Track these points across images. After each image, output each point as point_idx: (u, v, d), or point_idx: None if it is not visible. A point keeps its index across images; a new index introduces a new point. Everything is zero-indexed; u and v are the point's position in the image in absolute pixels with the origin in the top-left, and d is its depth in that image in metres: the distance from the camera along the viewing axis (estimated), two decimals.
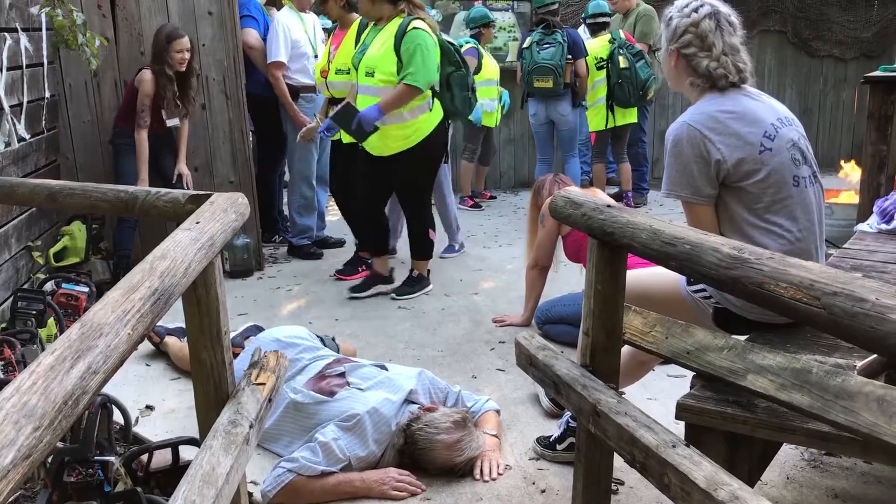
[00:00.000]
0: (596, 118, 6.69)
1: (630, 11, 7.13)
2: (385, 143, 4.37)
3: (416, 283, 4.71)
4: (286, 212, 5.94)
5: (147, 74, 4.55)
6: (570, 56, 6.24)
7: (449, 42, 4.51)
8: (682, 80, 2.45)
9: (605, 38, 6.58)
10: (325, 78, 4.95)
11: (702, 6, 2.39)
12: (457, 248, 5.63)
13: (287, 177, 5.94)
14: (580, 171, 6.75)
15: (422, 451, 2.66)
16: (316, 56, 5.43)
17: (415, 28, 4.22)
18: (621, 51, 6.43)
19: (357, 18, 4.79)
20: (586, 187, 5.25)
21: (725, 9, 2.42)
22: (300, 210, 5.60)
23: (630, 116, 6.70)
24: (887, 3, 9.15)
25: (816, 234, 2.37)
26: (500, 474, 2.69)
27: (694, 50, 2.37)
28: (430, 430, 2.66)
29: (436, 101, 4.41)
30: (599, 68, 6.51)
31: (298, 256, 5.55)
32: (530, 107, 6.61)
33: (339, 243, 5.86)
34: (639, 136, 7.16)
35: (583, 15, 7.08)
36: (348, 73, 4.69)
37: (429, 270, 4.81)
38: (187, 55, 4.56)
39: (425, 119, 4.37)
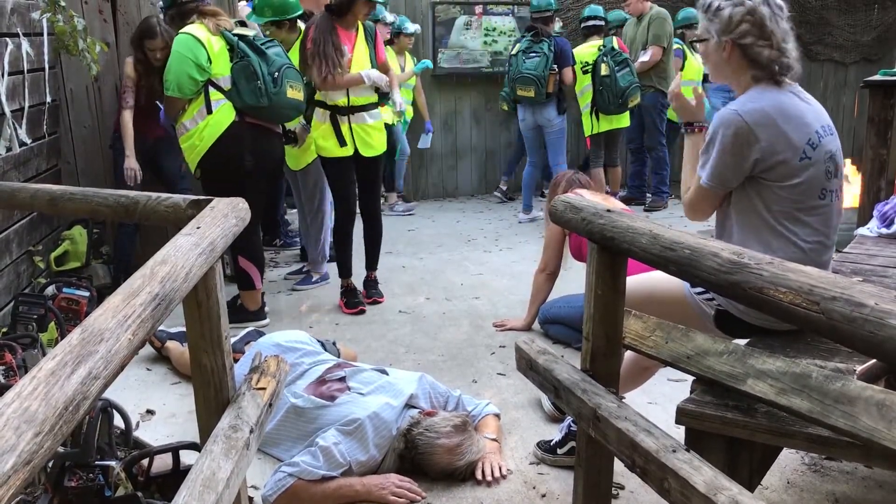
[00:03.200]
0: (585, 123, 6.79)
1: (643, 15, 7.13)
2: (186, 159, 4.20)
3: (236, 312, 4.16)
4: (287, 216, 5.96)
5: (129, 59, 4.59)
6: (555, 66, 6.33)
7: (238, 35, 4.03)
8: (735, 71, 2.33)
9: (595, 43, 6.60)
10: None
11: None
12: (315, 279, 5.06)
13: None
14: None
15: (422, 456, 2.66)
16: None
17: (179, 33, 4.05)
18: (605, 58, 6.45)
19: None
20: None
21: None
22: None
23: (620, 121, 6.72)
24: (887, 7, 9.16)
25: (829, 248, 2.35)
26: (503, 476, 2.69)
27: (752, 40, 2.26)
28: (430, 435, 2.66)
29: (225, 104, 4.00)
30: (585, 73, 6.57)
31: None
32: (519, 112, 6.74)
33: None
34: (658, 139, 7.16)
35: (579, 18, 7.11)
36: None
37: (263, 304, 4.38)
38: (160, 55, 4.39)
39: (206, 124, 4.00)
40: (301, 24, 4.75)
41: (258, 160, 4.12)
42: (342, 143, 4.33)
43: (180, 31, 4.04)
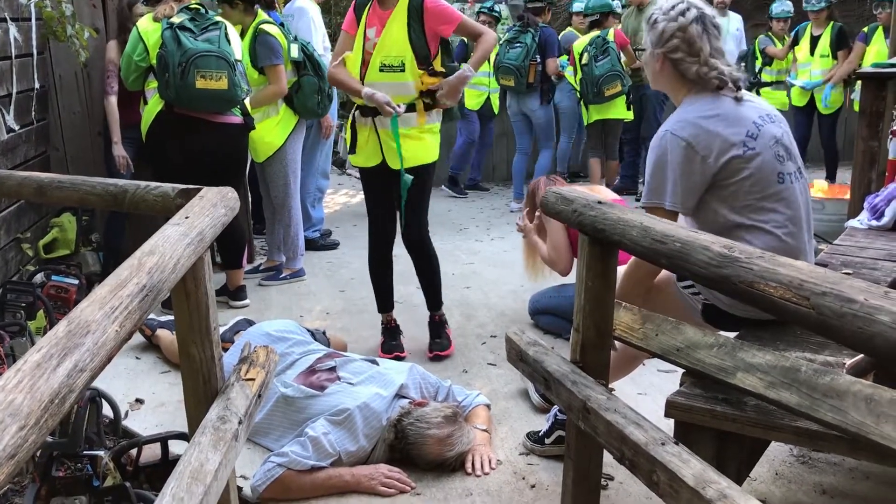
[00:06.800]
0: (583, 114, 6.81)
1: (645, 4, 7.06)
2: None
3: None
4: None
5: (111, 43, 4.55)
6: (538, 56, 6.46)
7: (171, 22, 3.93)
8: (668, 82, 2.44)
9: (592, 34, 6.56)
10: (362, 78, 3.46)
11: (688, 9, 2.36)
12: (284, 275, 4.84)
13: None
14: (549, 164, 6.89)
15: (412, 446, 2.66)
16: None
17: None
18: (588, 48, 6.42)
19: None
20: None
21: (710, 10, 2.40)
22: (314, 203, 5.59)
23: (608, 112, 6.58)
24: None
25: (804, 229, 2.36)
26: (492, 468, 2.70)
27: (681, 55, 2.35)
28: (420, 425, 2.66)
29: (156, 94, 4.03)
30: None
31: (313, 249, 5.42)
32: (507, 100, 6.93)
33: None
34: (655, 130, 7.09)
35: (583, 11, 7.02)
36: (402, 71, 3.38)
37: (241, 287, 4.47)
38: None
39: (145, 113, 4.15)
40: (259, 9, 4.62)
41: (185, 152, 4.05)
42: (353, 149, 3.62)
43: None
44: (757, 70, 7.83)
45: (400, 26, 3.35)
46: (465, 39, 6.47)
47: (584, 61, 6.43)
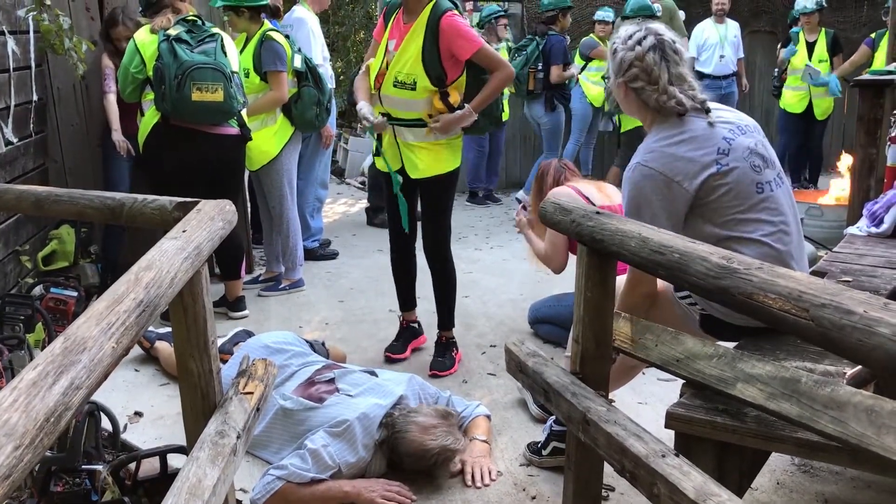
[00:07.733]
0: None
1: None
2: None
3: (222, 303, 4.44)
4: None
5: (104, 55, 4.61)
6: (539, 64, 6.62)
7: (167, 34, 3.95)
8: (635, 110, 2.44)
9: None
10: (379, 88, 3.46)
11: (645, 38, 2.35)
12: (283, 285, 4.85)
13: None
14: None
15: (397, 435, 2.65)
16: None
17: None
18: None
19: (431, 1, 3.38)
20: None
21: (670, 36, 2.38)
22: (313, 212, 5.59)
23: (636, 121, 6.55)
24: (877, 5, 9.17)
25: (793, 233, 2.34)
26: (492, 480, 2.69)
27: (641, 84, 2.34)
28: (409, 416, 2.68)
29: (153, 105, 4.05)
30: None
31: (312, 259, 5.42)
32: (524, 107, 7.14)
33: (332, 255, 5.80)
34: None
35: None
36: (414, 89, 3.35)
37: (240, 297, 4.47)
38: (125, 44, 4.36)
39: (141, 125, 4.18)
40: (264, 18, 4.62)
41: (182, 163, 4.05)
42: (377, 151, 3.62)
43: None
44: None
45: (416, 45, 3.32)
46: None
47: (605, 73, 6.46)
